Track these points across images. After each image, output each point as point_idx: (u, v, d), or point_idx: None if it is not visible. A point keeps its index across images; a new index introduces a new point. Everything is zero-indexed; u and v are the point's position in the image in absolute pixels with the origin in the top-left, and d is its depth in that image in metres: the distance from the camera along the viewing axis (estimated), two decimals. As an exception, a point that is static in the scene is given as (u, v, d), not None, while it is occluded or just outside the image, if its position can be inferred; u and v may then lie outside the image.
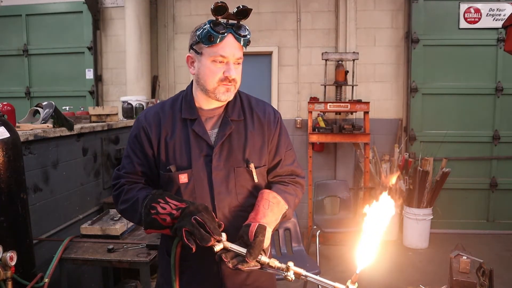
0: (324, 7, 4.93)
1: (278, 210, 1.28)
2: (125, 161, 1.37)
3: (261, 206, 1.25)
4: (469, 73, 4.74)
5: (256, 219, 1.20)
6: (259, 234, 1.14)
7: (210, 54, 1.22)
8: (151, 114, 1.34)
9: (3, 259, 1.54)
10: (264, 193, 1.29)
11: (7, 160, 1.73)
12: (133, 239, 2.38)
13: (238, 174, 1.29)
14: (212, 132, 1.31)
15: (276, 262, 1.13)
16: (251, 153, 1.31)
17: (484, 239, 4.62)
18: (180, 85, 5.18)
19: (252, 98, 1.42)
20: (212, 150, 1.28)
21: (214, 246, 1.11)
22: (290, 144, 1.43)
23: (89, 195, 3.10)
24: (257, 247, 1.12)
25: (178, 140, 1.29)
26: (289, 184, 1.39)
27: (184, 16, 5.11)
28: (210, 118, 1.33)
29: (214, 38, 1.20)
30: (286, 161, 1.39)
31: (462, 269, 1.60)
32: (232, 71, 1.23)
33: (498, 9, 4.63)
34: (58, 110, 2.66)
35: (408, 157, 4.60)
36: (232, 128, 1.30)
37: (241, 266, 1.11)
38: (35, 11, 5.14)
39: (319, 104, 4.42)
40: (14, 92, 5.27)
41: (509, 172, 4.77)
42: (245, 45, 1.25)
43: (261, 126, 1.35)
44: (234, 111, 1.34)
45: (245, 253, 1.11)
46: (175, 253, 1.20)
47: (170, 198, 1.19)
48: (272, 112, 1.40)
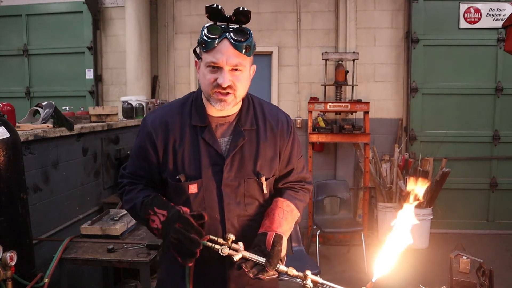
0: (324, 7, 4.93)
1: (292, 219, 1.29)
2: (129, 161, 1.37)
3: (276, 215, 1.25)
4: (469, 73, 4.74)
5: (272, 228, 1.21)
6: (276, 244, 1.15)
7: (206, 59, 1.18)
8: (157, 119, 1.29)
9: (3, 259, 1.54)
10: (279, 202, 1.29)
11: (7, 160, 1.73)
12: (133, 239, 2.38)
13: (248, 185, 1.27)
14: (223, 140, 1.27)
15: (294, 270, 1.14)
16: (262, 165, 1.28)
17: (484, 239, 4.62)
18: (180, 85, 5.18)
19: (265, 104, 1.37)
20: (222, 159, 1.25)
21: (232, 256, 1.12)
22: (301, 151, 1.42)
23: (89, 195, 3.10)
24: (276, 257, 1.13)
25: (187, 148, 1.25)
26: (299, 190, 1.39)
27: (184, 16, 5.11)
28: (221, 125, 1.28)
29: (207, 44, 1.15)
30: (297, 169, 1.39)
31: (462, 269, 1.60)
32: (224, 79, 1.15)
33: (498, 9, 4.63)
34: (58, 110, 2.66)
35: (408, 157, 4.60)
36: (245, 139, 1.26)
37: (261, 275, 1.12)
38: (35, 11, 5.14)
39: (319, 104, 4.42)
40: (14, 92, 5.27)
41: (509, 172, 4.77)
42: (243, 50, 1.17)
43: (274, 136, 1.31)
44: (247, 120, 1.29)
45: (263, 262, 1.12)
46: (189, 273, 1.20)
47: (158, 207, 1.19)
48: (285, 120, 1.35)
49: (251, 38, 1.20)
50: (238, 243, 1.15)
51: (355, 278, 3.64)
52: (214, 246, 1.14)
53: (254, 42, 1.23)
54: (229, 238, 1.14)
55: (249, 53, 1.20)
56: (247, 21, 1.19)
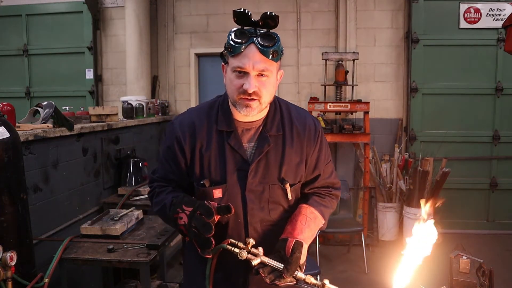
0: (324, 7, 4.93)
1: (315, 226, 1.28)
2: (159, 166, 1.38)
3: (298, 222, 1.24)
4: (469, 73, 4.74)
5: (293, 235, 1.20)
6: (296, 251, 1.14)
7: (232, 64, 1.17)
8: (185, 123, 1.29)
9: (3, 259, 1.54)
10: (302, 208, 1.28)
11: (7, 160, 1.73)
12: (133, 239, 2.38)
13: (272, 191, 1.26)
14: (249, 145, 1.27)
15: (311, 278, 1.14)
16: (287, 171, 1.27)
17: (484, 239, 4.62)
18: (180, 85, 5.19)
19: (293, 109, 1.36)
20: (247, 165, 1.24)
21: (251, 260, 1.12)
22: (329, 157, 1.39)
23: (89, 195, 3.10)
24: (294, 264, 1.12)
25: (214, 152, 1.25)
26: (326, 197, 1.37)
27: (184, 16, 5.11)
28: (247, 130, 1.27)
29: (233, 49, 1.15)
30: (324, 174, 1.37)
31: (462, 269, 1.60)
32: (250, 84, 1.14)
33: (498, 9, 4.63)
34: (58, 110, 2.65)
35: (408, 157, 4.60)
36: (270, 146, 1.25)
37: (278, 282, 1.12)
38: (35, 11, 5.14)
39: (319, 104, 4.42)
40: (14, 92, 5.27)
41: (509, 172, 4.77)
42: (270, 56, 1.16)
43: (300, 141, 1.29)
44: (273, 126, 1.28)
45: (282, 269, 1.12)
46: (211, 265, 1.20)
47: (187, 205, 1.18)
48: (313, 125, 1.34)
49: (278, 42, 1.19)
50: (258, 248, 1.15)
51: (355, 278, 3.64)
52: (233, 250, 1.14)
53: (282, 47, 1.21)
54: (249, 242, 1.14)
55: (276, 59, 1.19)
56: (276, 26, 1.18)
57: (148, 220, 2.70)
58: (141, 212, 2.66)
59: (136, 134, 3.99)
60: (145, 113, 4.29)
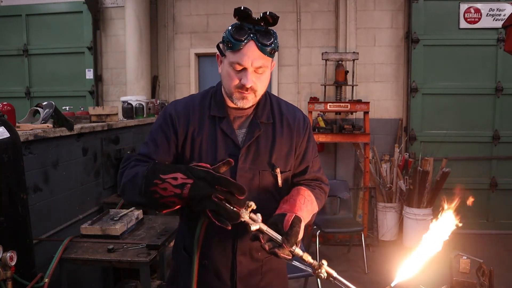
0: (324, 7, 4.94)
1: (311, 208, 1.28)
2: (142, 146, 1.30)
3: (298, 200, 1.23)
4: (469, 73, 4.74)
5: (293, 211, 1.18)
6: (295, 225, 1.11)
7: (230, 59, 1.19)
8: (180, 105, 1.31)
9: (3, 259, 1.54)
10: (301, 190, 1.29)
11: (7, 160, 1.73)
12: (133, 239, 2.38)
13: (262, 177, 1.27)
14: (240, 131, 1.29)
15: (309, 257, 1.10)
16: (277, 158, 1.29)
17: (484, 239, 4.62)
18: (180, 85, 5.19)
19: (283, 102, 1.40)
20: (238, 150, 1.26)
21: (249, 224, 1.04)
22: (316, 152, 1.42)
23: (89, 195, 3.10)
24: (294, 236, 1.09)
25: (205, 137, 1.27)
26: (316, 188, 1.39)
27: (184, 16, 5.11)
28: (238, 117, 1.30)
29: (233, 45, 1.16)
30: (313, 167, 1.39)
31: (462, 269, 1.61)
32: (248, 80, 1.18)
33: (498, 9, 4.64)
34: (58, 110, 2.65)
35: (408, 157, 4.60)
36: (260, 130, 1.28)
37: (278, 250, 1.07)
38: (35, 11, 5.14)
39: (319, 104, 4.42)
40: (14, 92, 5.27)
41: (509, 172, 4.77)
42: (268, 53, 1.18)
43: (290, 131, 1.32)
44: (264, 113, 1.31)
45: (280, 240, 1.07)
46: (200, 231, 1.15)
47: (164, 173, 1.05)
48: (302, 118, 1.37)
49: (276, 40, 1.21)
50: (257, 214, 1.07)
51: (355, 278, 3.64)
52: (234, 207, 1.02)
53: (278, 43, 1.24)
54: (250, 205, 1.06)
55: (272, 55, 1.22)
56: (275, 24, 1.20)
57: (148, 220, 2.70)
58: (141, 212, 2.66)
59: (136, 134, 3.99)
60: (145, 113, 4.28)
